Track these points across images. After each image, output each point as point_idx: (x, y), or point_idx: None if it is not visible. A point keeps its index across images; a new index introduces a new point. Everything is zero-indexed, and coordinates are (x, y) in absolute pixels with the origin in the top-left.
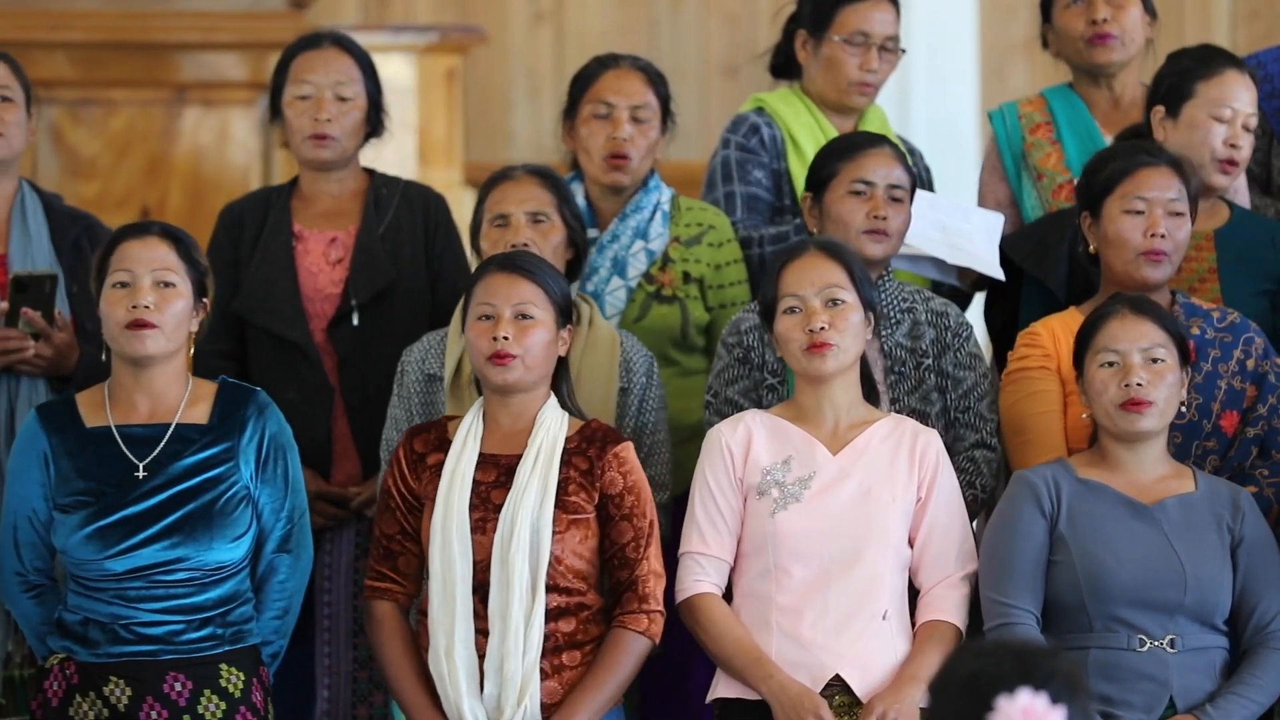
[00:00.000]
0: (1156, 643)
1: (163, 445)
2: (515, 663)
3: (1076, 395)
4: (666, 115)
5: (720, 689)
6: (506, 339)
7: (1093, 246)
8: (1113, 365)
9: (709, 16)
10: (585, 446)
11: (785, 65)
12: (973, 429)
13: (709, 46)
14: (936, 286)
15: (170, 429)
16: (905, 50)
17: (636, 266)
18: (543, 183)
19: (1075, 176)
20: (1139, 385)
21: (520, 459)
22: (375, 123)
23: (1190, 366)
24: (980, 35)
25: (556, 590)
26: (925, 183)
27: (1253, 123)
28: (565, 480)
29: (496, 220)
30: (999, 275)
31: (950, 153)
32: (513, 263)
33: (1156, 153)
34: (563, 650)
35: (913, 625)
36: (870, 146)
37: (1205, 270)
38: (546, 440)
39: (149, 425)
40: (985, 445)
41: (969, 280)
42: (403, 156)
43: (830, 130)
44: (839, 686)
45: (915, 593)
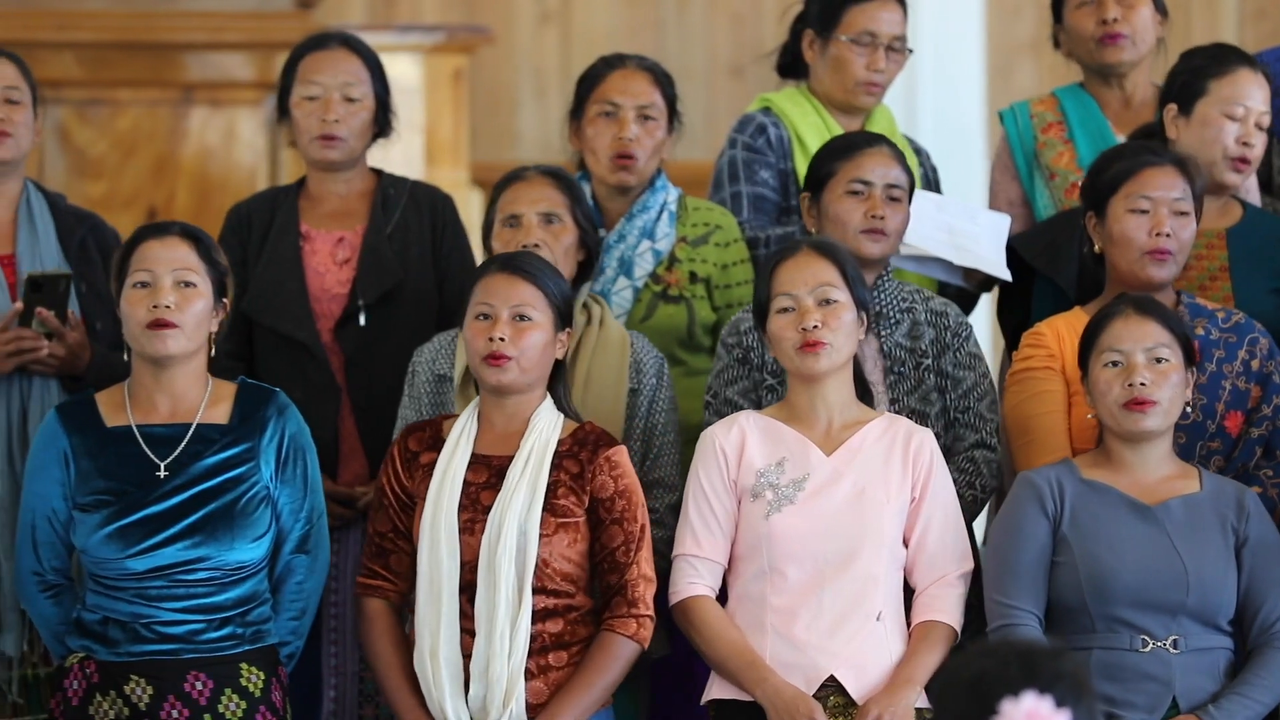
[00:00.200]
0: (1159, 643)
1: (184, 445)
2: (500, 665)
3: (1082, 395)
4: (673, 115)
5: (715, 690)
6: (503, 340)
7: (1098, 246)
8: (1116, 365)
9: (715, 16)
10: (577, 450)
11: (792, 65)
12: (972, 429)
13: (715, 46)
14: (943, 287)
15: (191, 429)
16: (912, 50)
17: (643, 266)
18: (555, 184)
19: None
20: (1142, 385)
21: (512, 460)
22: (383, 123)
23: (1195, 367)
24: (987, 35)
25: (544, 592)
26: (932, 183)
27: (1266, 121)
28: (555, 483)
29: (508, 220)
30: (1005, 276)
31: (957, 152)
32: (513, 264)
33: (1161, 152)
34: (549, 651)
35: (908, 625)
36: (868, 146)
37: (1216, 269)
38: (538, 443)
39: (170, 425)
40: (985, 445)
41: (975, 281)
42: (409, 156)
43: (837, 130)
44: (834, 688)
45: (910, 592)
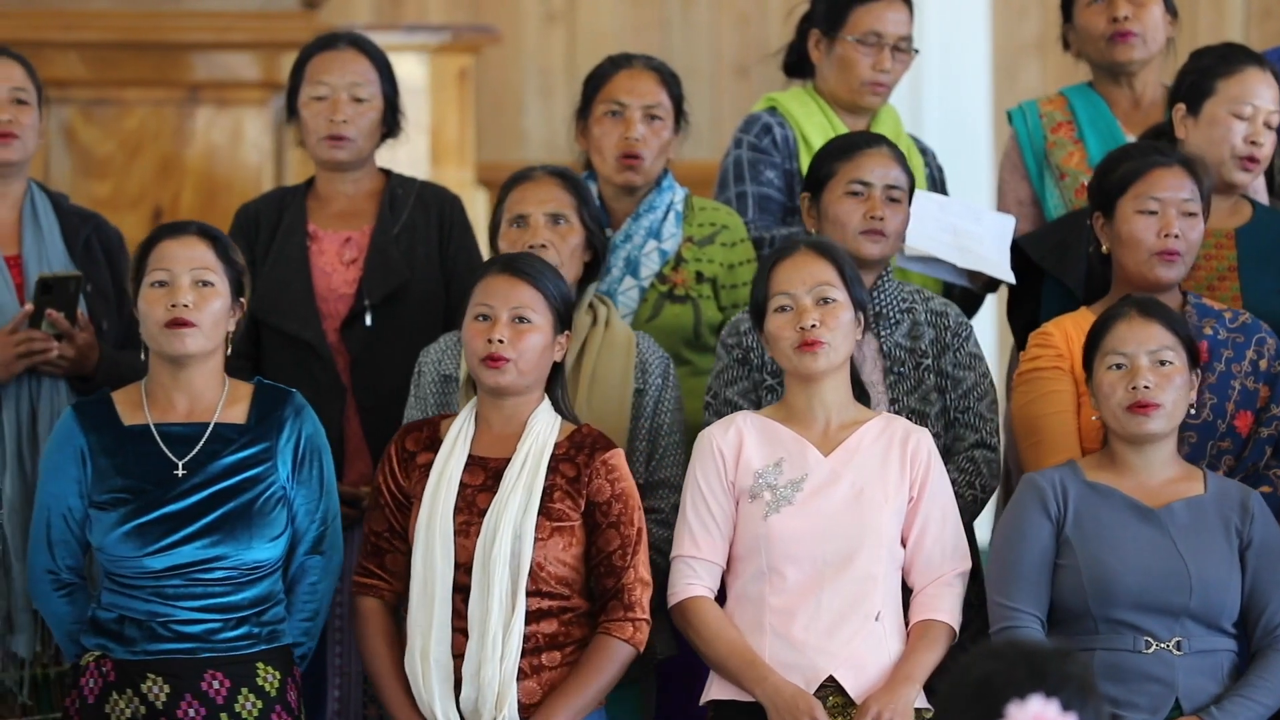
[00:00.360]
0: (1162, 645)
1: (202, 444)
2: (492, 668)
3: (1088, 396)
4: (680, 115)
5: (714, 691)
6: (501, 342)
7: (1105, 246)
8: (1120, 368)
9: (721, 16)
10: (574, 453)
11: (798, 64)
12: (972, 429)
13: (721, 46)
14: (949, 289)
15: (209, 428)
16: (918, 50)
17: (649, 266)
18: (563, 184)
19: None
20: (1146, 388)
21: (508, 463)
22: (392, 124)
23: (1200, 368)
24: (993, 35)
25: (539, 595)
26: (938, 183)
27: (1275, 120)
28: (551, 487)
29: (515, 220)
30: (1009, 278)
31: (963, 152)
32: (514, 265)
33: (1169, 152)
34: (543, 651)
35: (906, 624)
36: (867, 147)
37: (1225, 268)
38: (535, 446)
39: (187, 424)
40: (985, 445)
41: (980, 283)
42: (415, 156)
43: (843, 130)
44: (832, 687)
45: (908, 591)
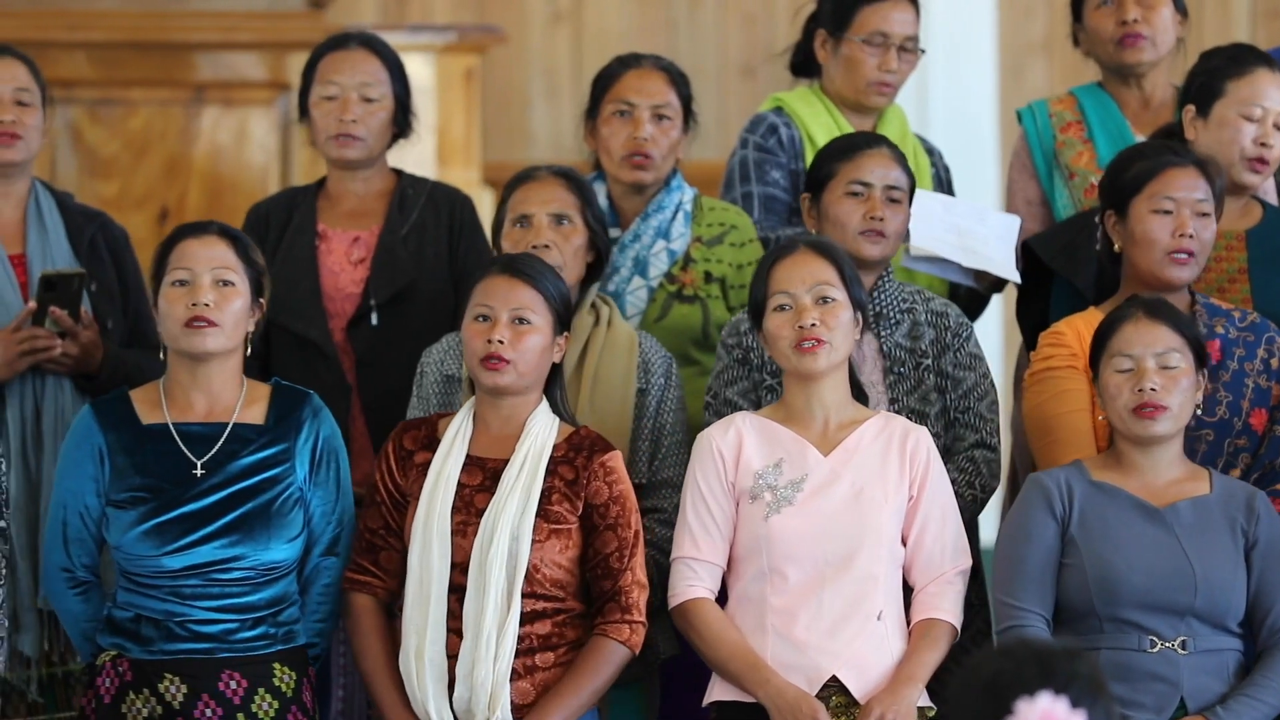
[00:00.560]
0: (1168, 644)
1: (220, 444)
2: (486, 669)
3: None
4: (689, 115)
5: (716, 692)
6: (501, 342)
7: (1117, 246)
8: (1127, 370)
9: (727, 16)
10: (573, 455)
11: (805, 64)
12: (973, 429)
13: (727, 46)
14: (954, 289)
15: (228, 428)
16: (925, 50)
17: (658, 266)
18: (566, 184)
19: None
20: (1153, 390)
21: (506, 464)
22: (403, 124)
23: (1206, 369)
24: (999, 35)
25: (534, 596)
26: (945, 183)
27: None
28: (549, 489)
29: (519, 220)
30: (1015, 278)
31: (969, 152)
32: (514, 266)
33: (1182, 152)
34: (536, 652)
35: (908, 623)
36: (868, 147)
37: (1235, 270)
38: (534, 448)
39: (206, 424)
40: (985, 445)
41: (985, 283)
42: (421, 156)
43: (849, 130)
44: (835, 688)
45: (909, 590)
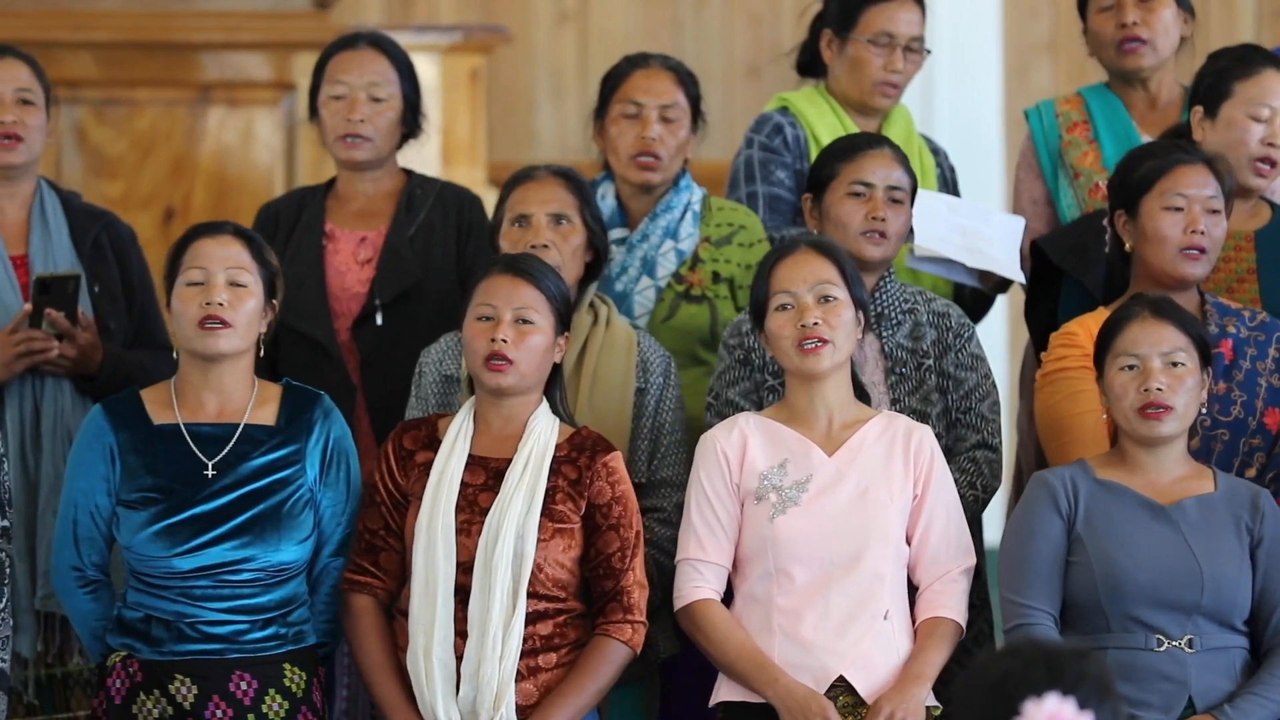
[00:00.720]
0: (1175, 643)
1: (231, 445)
2: (492, 668)
3: None
4: (697, 115)
5: (723, 693)
6: (505, 342)
7: (1128, 245)
8: (1132, 369)
9: (733, 16)
10: (575, 455)
11: (811, 64)
12: (974, 429)
13: (733, 46)
14: (959, 290)
15: (239, 429)
16: (930, 51)
17: (666, 266)
18: (565, 184)
19: None
20: (1159, 390)
21: (509, 463)
22: (412, 124)
23: (1210, 369)
24: (1004, 35)
25: (535, 596)
26: (950, 183)
27: None
28: (553, 488)
29: (517, 220)
30: (1019, 279)
31: (974, 153)
32: (517, 266)
33: (1192, 151)
34: (539, 653)
35: (913, 621)
36: (870, 148)
37: (1244, 271)
38: (537, 447)
39: (217, 424)
40: (987, 446)
41: (990, 283)
42: (426, 157)
43: (854, 130)
44: (842, 687)
45: (913, 588)
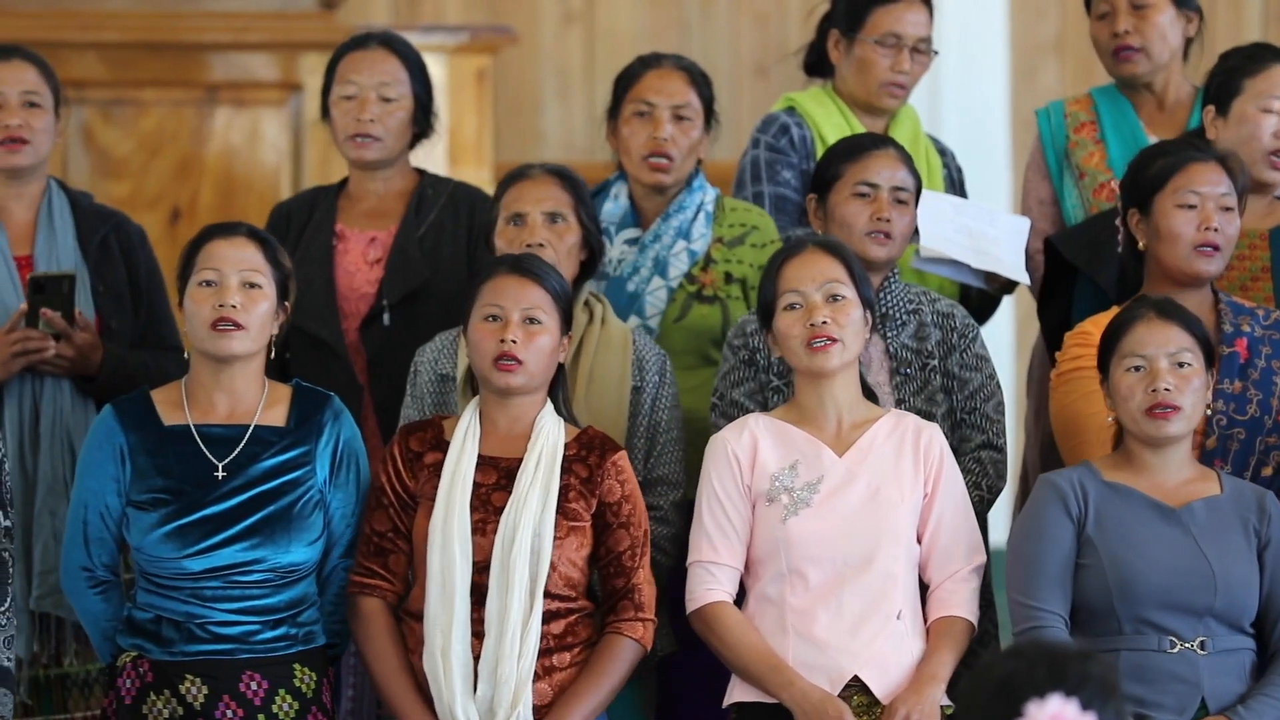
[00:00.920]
0: (1187, 645)
1: (242, 446)
2: (510, 667)
3: None
4: (710, 115)
5: (737, 693)
6: (515, 342)
7: (1141, 244)
8: (1139, 370)
9: (739, 16)
10: (585, 454)
11: (818, 64)
12: (979, 430)
13: (740, 46)
14: (964, 290)
15: (249, 430)
16: (937, 52)
17: (678, 266)
18: (561, 183)
19: (1116, 177)
20: (1166, 390)
21: (520, 463)
22: (423, 124)
23: (1215, 369)
24: (1011, 36)
25: (549, 596)
26: (957, 184)
27: None
28: (565, 486)
29: (513, 219)
30: (1025, 280)
31: (981, 153)
32: (523, 266)
33: (1204, 148)
34: (553, 652)
35: (924, 620)
36: (875, 148)
37: (1258, 269)
38: (547, 446)
39: (228, 426)
40: (991, 446)
41: (996, 284)
42: (433, 157)
43: (861, 130)
44: (856, 688)
45: (924, 587)
